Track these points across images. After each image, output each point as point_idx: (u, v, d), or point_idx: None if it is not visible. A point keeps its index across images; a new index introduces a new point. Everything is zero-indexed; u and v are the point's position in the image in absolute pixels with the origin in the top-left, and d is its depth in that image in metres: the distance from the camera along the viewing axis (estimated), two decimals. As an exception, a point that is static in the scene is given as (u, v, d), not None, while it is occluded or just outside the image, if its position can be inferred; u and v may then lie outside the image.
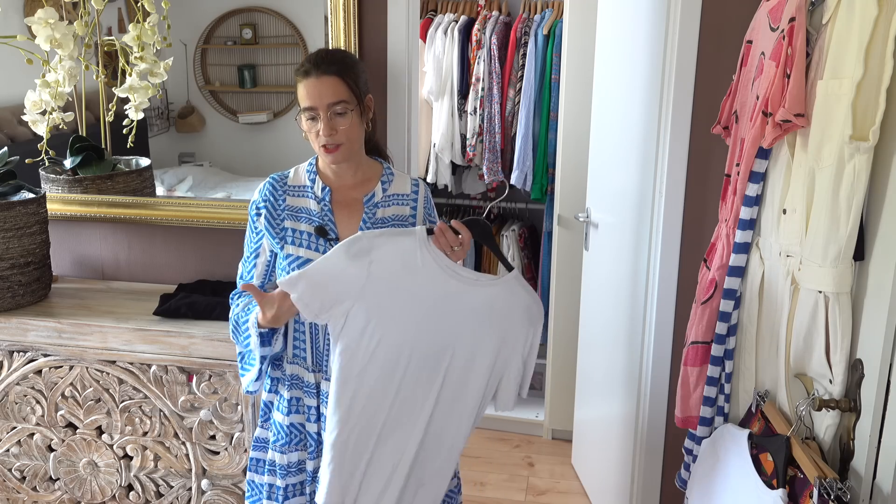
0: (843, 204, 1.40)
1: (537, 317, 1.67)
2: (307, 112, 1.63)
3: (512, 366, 1.67)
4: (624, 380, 2.57)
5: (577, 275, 3.09)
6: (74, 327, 2.15)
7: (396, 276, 1.58)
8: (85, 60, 2.20)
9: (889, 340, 1.35)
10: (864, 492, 1.40)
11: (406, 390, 1.61)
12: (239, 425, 2.12)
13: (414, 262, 1.58)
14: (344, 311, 1.58)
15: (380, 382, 1.60)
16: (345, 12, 2.22)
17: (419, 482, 1.67)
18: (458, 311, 1.61)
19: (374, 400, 1.61)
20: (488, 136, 3.42)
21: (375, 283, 1.57)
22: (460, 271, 1.61)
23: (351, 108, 1.63)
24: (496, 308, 1.62)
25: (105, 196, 2.49)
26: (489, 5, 3.52)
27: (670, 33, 2.16)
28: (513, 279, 1.64)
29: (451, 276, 1.60)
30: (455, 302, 1.60)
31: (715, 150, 2.14)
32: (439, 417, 1.64)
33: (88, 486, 2.27)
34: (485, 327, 1.62)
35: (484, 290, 1.62)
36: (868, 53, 1.34)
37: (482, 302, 1.62)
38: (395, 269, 1.58)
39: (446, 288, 1.60)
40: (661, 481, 2.45)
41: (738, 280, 1.80)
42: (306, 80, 1.62)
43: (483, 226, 1.66)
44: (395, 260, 1.58)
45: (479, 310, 1.61)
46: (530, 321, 1.66)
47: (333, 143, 1.62)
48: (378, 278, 1.57)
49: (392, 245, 1.58)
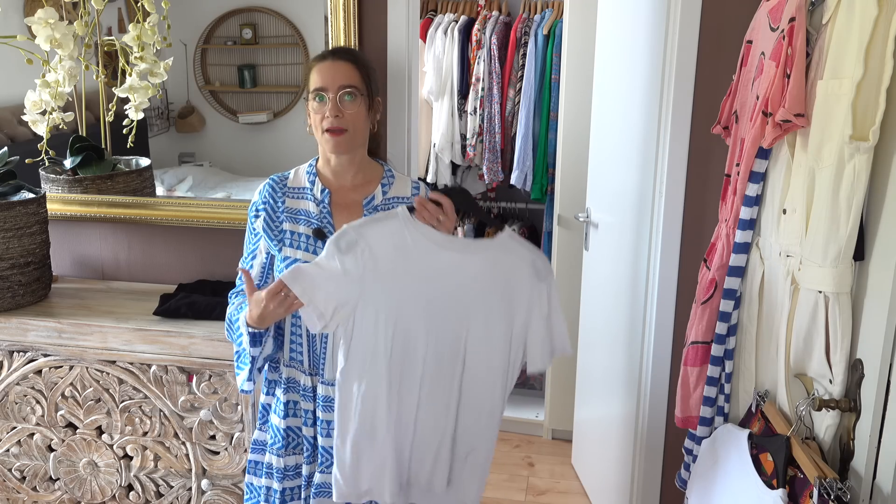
0: (843, 204, 1.40)
1: (545, 270, 1.63)
2: (316, 93, 1.63)
3: (533, 322, 1.64)
4: (624, 380, 2.57)
5: (577, 275, 3.09)
6: (74, 327, 2.15)
7: (391, 259, 1.57)
8: (85, 60, 2.20)
9: (889, 340, 1.35)
10: (864, 492, 1.40)
11: (430, 369, 1.60)
12: (239, 425, 2.12)
13: (404, 243, 1.57)
14: (350, 311, 1.57)
15: (406, 368, 1.60)
16: (345, 12, 2.22)
17: (468, 448, 1.67)
18: (461, 282, 1.59)
19: (406, 387, 1.60)
20: (488, 136, 3.42)
21: (373, 271, 1.56)
22: (452, 242, 1.60)
23: (360, 94, 1.64)
24: (498, 270, 1.60)
25: (105, 196, 2.49)
26: (489, 5, 3.52)
27: (670, 33, 2.16)
28: (506, 238, 1.62)
29: (444, 249, 1.59)
30: (456, 273, 1.59)
31: (715, 150, 2.14)
32: (470, 388, 1.63)
33: (88, 486, 2.27)
34: (492, 291, 1.61)
35: (480, 255, 1.60)
36: (868, 53, 1.34)
37: (482, 267, 1.60)
38: (388, 252, 1.56)
39: (443, 261, 1.58)
40: (661, 481, 2.45)
41: (738, 280, 1.80)
42: (321, 64, 1.65)
43: (461, 192, 1.65)
44: (385, 244, 1.56)
45: (481, 276, 1.60)
46: (538, 276, 1.62)
47: (339, 125, 1.62)
48: (374, 266, 1.56)
49: (378, 230, 1.57)
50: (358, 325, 1.58)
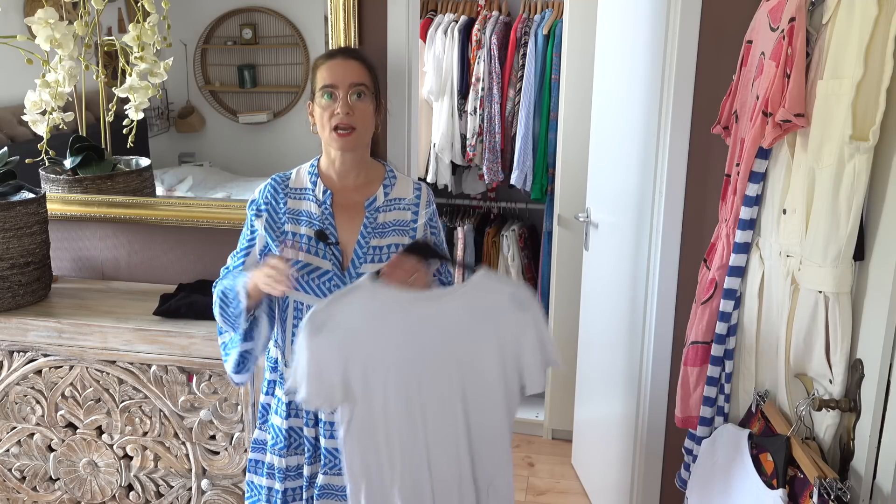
0: (843, 204, 1.40)
1: (526, 300, 1.62)
2: (326, 90, 1.63)
3: (525, 351, 1.63)
4: (624, 380, 2.57)
5: (577, 275, 3.09)
6: (74, 327, 2.15)
7: (368, 328, 1.55)
8: (85, 60, 2.20)
9: (889, 340, 1.35)
10: (864, 492, 1.40)
11: (431, 421, 1.60)
12: (239, 425, 2.12)
13: (377, 309, 1.56)
14: (342, 393, 1.56)
15: (406, 429, 1.59)
16: (345, 12, 2.22)
17: (488, 481, 1.67)
18: (442, 332, 1.58)
19: (408, 448, 1.60)
20: (488, 136, 3.42)
21: (352, 344, 1.55)
22: (425, 296, 1.59)
23: (369, 93, 1.66)
24: (478, 311, 1.60)
25: (105, 196, 2.49)
26: (489, 5, 3.52)
27: (670, 33, 2.16)
28: (480, 277, 1.61)
29: (417, 304, 1.58)
30: (435, 325, 1.58)
31: (715, 150, 2.14)
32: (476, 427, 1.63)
33: (88, 486, 2.27)
34: (475, 332, 1.60)
35: (457, 301, 1.60)
36: (868, 53, 1.34)
37: (461, 313, 1.59)
38: (361, 323, 1.55)
39: (419, 314, 1.57)
40: (661, 481, 2.45)
41: (738, 280, 1.80)
42: (331, 62, 1.65)
43: (420, 245, 1.65)
44: (356, 316, 1.55)
45: (461, 320, 1.59)
46: (520, 307, 1.61)
47: (348, 123, 1.62)
48: (352, 339, 1.55)
49: (348, 304, 1.55)
50: (354, 403, 1.57)
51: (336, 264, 1.67)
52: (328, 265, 1.66)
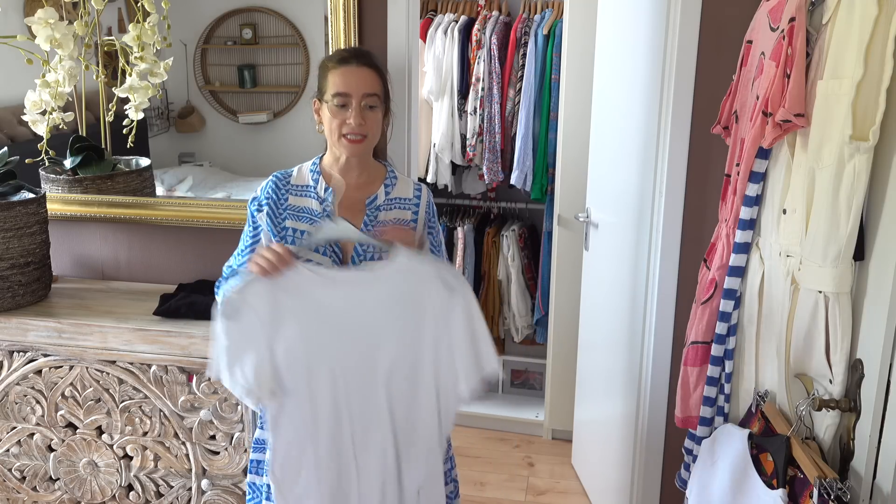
0: (843, 204, 1.40)
1: (455, 282, 1.59)
2: (339, 98, 1.63)
3: (456, 343, 1.59)
4: (624, 380, 2.57)
5: (577, 275, 3.09)
6: (74, 327, 2.15)
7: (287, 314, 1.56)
8: (85, 60, 2.20)
9: (889, 340, 1.35)
10: (864, 492, 1.40)
11: (355, 406, 1.59)
12: (239, 425, 2.12)
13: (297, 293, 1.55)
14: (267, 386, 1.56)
15: (332, 422, 1.60)
16: (345, 12, 2.22)
17: (415, 485, 1.65)
18: (364, 312, 1.58)
19: (335, 434, 1.60)
20: (488, 136, 3.42)
21: (268, 326, 1.55)
22: (348, 277, 1.60)
23: (381, 103, 1.68)
24: (402, 293, 1.58)
25: (105, 196, 2.49)
26: (489, 5, 3.51)
27: (670, 33, 2.16)
28: (404, 259, 1.57)
29: (341, 285, 1.58)
30: (358, 306, 1.58)
31: (715, 150, 2.14)
32: (401, 418, 1.62)
33: (88, 486, 2.27)
34: (400, 314, 1.58)
35: (382, 284, 1.57)
36: (868, 53, 1.34)
37: (384, 294, 1.57)
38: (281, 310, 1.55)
39: (343, 299, 1.57)
40: (661, 481, 2.45)
41: (738, 280, 1.80)
42: (344, 68, 1.65)
43: None
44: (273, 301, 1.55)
45: (384, 302, 1.57)
46: (449, 288, 1.58)
47: (361, 132, 1.64)
48: (271, 326, 1.55)
49: (264, 289, 1.55)
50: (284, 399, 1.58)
51: (336, 261, 1.67)
52: (328, 262, 1.67)
